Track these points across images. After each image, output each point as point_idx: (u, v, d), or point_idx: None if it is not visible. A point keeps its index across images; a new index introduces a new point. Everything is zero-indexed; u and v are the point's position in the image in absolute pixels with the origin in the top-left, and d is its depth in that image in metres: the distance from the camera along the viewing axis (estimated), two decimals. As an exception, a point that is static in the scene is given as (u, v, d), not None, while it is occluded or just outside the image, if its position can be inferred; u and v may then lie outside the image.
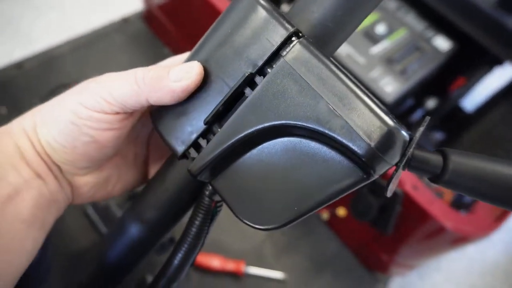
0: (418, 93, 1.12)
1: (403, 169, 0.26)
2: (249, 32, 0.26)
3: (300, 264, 0.99)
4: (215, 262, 0.93)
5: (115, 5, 1.51)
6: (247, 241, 1.00)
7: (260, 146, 0.27)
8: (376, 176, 0.25)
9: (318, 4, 0.26)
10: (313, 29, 0.26)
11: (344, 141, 0.24)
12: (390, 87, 0.95)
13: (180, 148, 0.30)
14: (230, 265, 0.93)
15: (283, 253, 1.00)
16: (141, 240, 0.37)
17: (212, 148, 0.28)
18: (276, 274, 0.95)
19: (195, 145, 0.30)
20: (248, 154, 0.28)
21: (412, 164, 0.26)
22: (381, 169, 0.25)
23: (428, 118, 0.26)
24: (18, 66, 1.12)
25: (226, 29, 0.27)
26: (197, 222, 0.33)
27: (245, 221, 0.30)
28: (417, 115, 1.19)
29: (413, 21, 1.08)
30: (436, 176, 0.25)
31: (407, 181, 0.75)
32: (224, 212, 0.99)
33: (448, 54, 1.05)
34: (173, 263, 0.35)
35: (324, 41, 0.26)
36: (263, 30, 0.25)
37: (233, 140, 0.27)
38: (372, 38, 1.03)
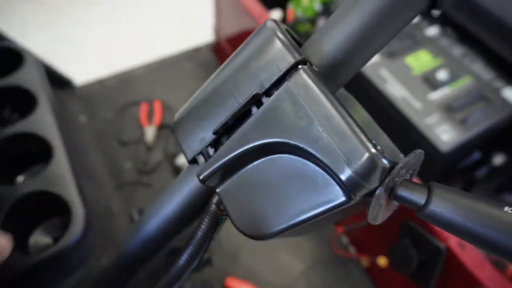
0: (483, 147, 1.05)
1: (390, 198, 0.26)
2: (263, 59, 0.29)
3: (331, 309, 0.95)
4: (240, 287, 0.93)
5: (190, 36, 1.66)
6: (282, 275, 0.99)
7: (261, 160, 0.29)
8: (357, 199, 0.26)
9: (330, 37, 0.28)
10: (323, 60, 0.28)
11: (327, 162, 0.25)
12: (447, 135, 0.91)
13: (190, 154, 0.33)
14: (259, 296, 0.93)
15: (315, 293, 0.97)
16: (157, 235, 0.40)
17: (218, 157, 0.31)
18: (305, 314, 0.93)
19: (205, 152, 0.33)
20: (250, 166, 0.30)
21: (397, 193, 0.26)
22: (359, 192, 0.25)
23: (418, 151, 0.27)
24: (101, 82, 1.28)
25: (246, 54, 0.30)
26: (203, 227, 0.35)
27: (239, 228, 0.32)
28: (482, 171, 1.10)
29: (480, 70, 1.03)
30: (419, 208, 0.25)
31: (453, 236, 0.70)
32: (264, 245, 1.00)
33: (519, 107, 0.98)
34: (178, 263, 0.37)
35: (333, 71, 0.28)
36: (275, 57, 0.28)
37: (236, 152, 0.29)
38: (432, 83, 1.00)
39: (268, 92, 0.29)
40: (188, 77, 1.36)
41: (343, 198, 0.26)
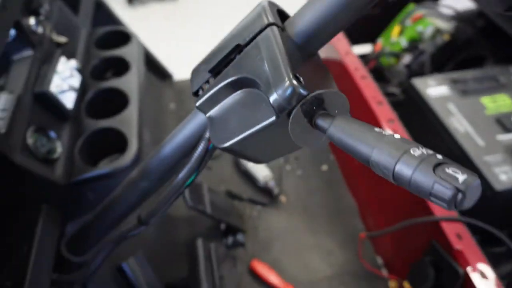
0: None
1: (312, 125, 0.33)
2: (250, 22, 0.40)
3: (347, 321, 0.95)
4: (266, 273, 1.00)
5: None
6: (306, 273, 1.03)
7: (235, 92, 0.40)
8: (283, 117, 0.34)
9: (302, 15, 0.37)
10: (295, 30, 0.37)
11: (264, 90, 0.34)
12: (506, 176, 0.87)
13: (194, 88, 0.45)
14: (278, 283, 0.98)
15: (335, 301, 0.98)
16: (170, 155, 0.52)
17: (208, 89, 0.42)
18: (318, 316, 0.95)
19: (203, 87, 0.44)
20: (229, 97, 0.40)
21: (316, 121, 0.33)
22: (283, 111, 0.33)
23: (342, 94, 0.34)
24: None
25: (242, 21, 0.42)
26: (198, 150, 0.45)
27: (213, 142, 0.42)
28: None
29: None
30: (324, 131, 0.32)
31: (472, 261, 0.68)
32: (298, 243, 1.07)
33: None
34: (178, 178, 0.48)
35: (303, 40, 0.37)
36: (257, 21, 0.39)
37: (219, 86, 0.41)
38: (505, 126, 0.97)
39: (247, 44, 0.40)
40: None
41: (273, 117, 0.35)
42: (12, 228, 0.59)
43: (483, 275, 0.67)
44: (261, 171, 1.18)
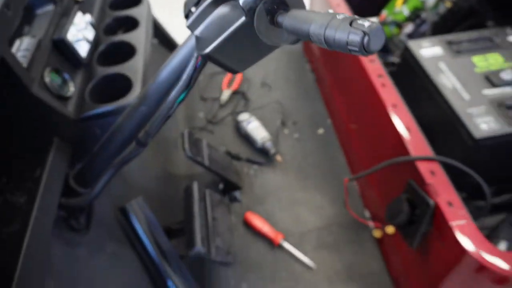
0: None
1: (275, 25, 0.39)
2: None
3: (334, 264, 1.00)
4: (259, 223, 1.06)
5: None
6: (297, 224, 1.09)
7: (218, 7, 0.46)
8: (247, 16, 0.39)
9: None
10: None
11: None
12: (486, 126, 0.90)
13: (185, 12, 0.52)
14: (270, 232, 1.04)
15: (323, 248, 1.04)
16: (167, 78, 0.59)
17: (196, 10, 0.49)
18: (307, 260, 1.00)
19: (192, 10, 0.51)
20: (213, 12, 0.47)
21: (277, 20, 0.39)
22: (249, 10, 0.39)
23: None
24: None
25: None
26: (188, 70, 0.52)
27: (197, 51, 0.48)
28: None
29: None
30: (280, 26, 0.39)
31: (442, 193, 0.72)
32: (290, 199, 1.14)
33: None
34: (170, 97, 0.55)
35: None
36: None
37: (205, 4, 0.47)
38: (492, 82, 0.99)
39: None
40: (272, 59, 1.57)
41: (242, 17, 0.41)
42: (27, 154, 0.67)
43: (450, 204, 0.71)
44: (259, 133, 1.24)
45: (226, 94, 1.42)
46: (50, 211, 0.63)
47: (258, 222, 1.06)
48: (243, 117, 1.30)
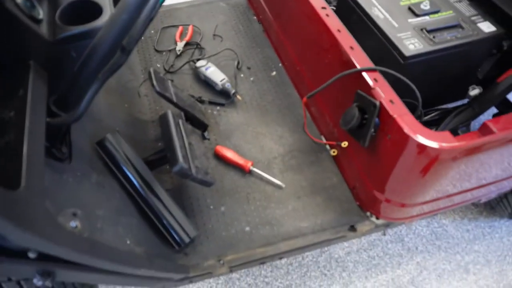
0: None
1: None
2: None
3: (299, 182, 1.14)
4: (229, 154, 1.16)
5: None
6: (262, 153, 1.20)
7: None
8: None
9: None
10: None
11: None
12: (413, 46, 1.07)
13: None
14: (240, 160, 1.15)
15: (288, 171, 1.17)
16: None
17: None
18: (276, 181, 1.12)
19: None
20: None
21: None
22: None
23: None
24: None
25: None
26: None
27: None
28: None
29: (464, 7, 1.18)
30: None
31: (385, 95, 0.87)
32: (253, 132, 1.22)
33: (490, 35, 1.10)
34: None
35: None
36: None
37: None
38: (415, 12, 1.16)
39: None
40: (220, 13, 1.63)
41: None
42: (8, 77, 0.68)
43: (392, 102, 0.86)
44: (218, 77, 1.32)
45: (180, 45, 1.46)
46: (40, 124, 0.66)
47: (229, 153, 1.16)
48: (201, 63, 1.36)
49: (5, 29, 0.65)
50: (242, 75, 1.41)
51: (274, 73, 1.42)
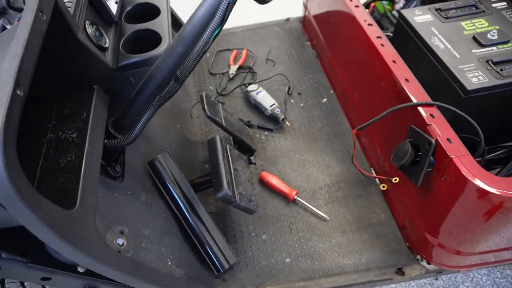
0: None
1: None
2: None
3: (345, 216, 1.10)
4: (274, 181, 1.15)
5: (282, 9, 1.95)
6: (308, 182, 1.18)
7: None
8: None
9: None
10: None
11: None
12: (476, 79, 0.99)
13: None
14: (284, 188, 1.13)
15: (334, 203, 1.13)
16: (200, 21, 0.66)
17: None
18: (321, 213, 1.09)
19: None
20: None
21: None
22: None
23: None
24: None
25: None
26: (222, 5, 0.60)
27: None
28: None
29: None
30: None
31: (442, 132, 0.81)
32: (300, 160, 1.22)
33: None
34: (206, 31, 0.62)
35: None
36: None
37: None
38: (480, 42, 1.09)
39: None
40: (274, 38, 1.66)
41: None
42: (74, 99, 0.75)
43: (450, 141, 0.81)
44: (268, 102, 1.33)
45: (233, 68, 1.51)
46: (98, 145, 0.71)
47: (274, 180, 1.15)
48: (252, 87, 1.38)
49: (76, 56, 0.72)
50: (292, 101, 1.40)
51: (325, 99, 1.40)
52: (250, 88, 1.38)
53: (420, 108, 0.88)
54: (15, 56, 0.52)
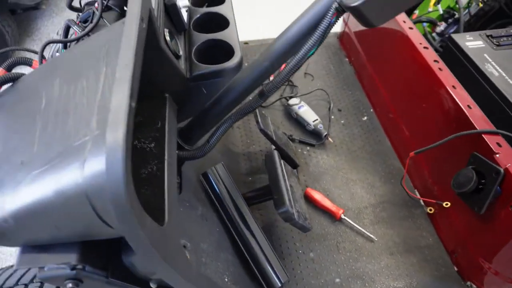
0: None
1: None
2: None
3: (391, 237, 1.09)
4: (320, 198, 1.14)
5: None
6: (352, 201, 1.17)
7: None
8: None
9: None
10: None
11: None
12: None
13: None
14: (331, 207, 1.12)
15: (380, 223, 1.12)
16: (295, 35, 0.65)
17: None
18: (368, 234, 1.08)
19: None
20: None
21: None
22: None
23: None
24: (246, 43, 1.67)
25: None
26: (324, 23, 0.59)
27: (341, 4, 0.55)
28: None
29: None
30: None
31: (510, 164, 0.81)
32: (343, 177, 1.20)
33: None
34: (303, 49, 0.61)
35: None
36: None
37: None
38: (534, 71, 1.10)
39: None
40: (311, 52, 1.66)
41: None
42: (147, 107, 0.74)
43: (520, 170, 0.80)
44: (310, 116, 1.32)
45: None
46: (174, 156, 0.70)
47: (320, 197, 1.14)
48: (294, 101, 1.37)
49: (155, 64, 0.70)
50: (332, 117, 1.40)
51: (365, 118, 1.40)
52: (292, 101, 1.38)
53: (485, 136, 0.88)
54: (126, 65, 0.51)
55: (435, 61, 1.08)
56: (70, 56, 0.68)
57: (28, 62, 0.81)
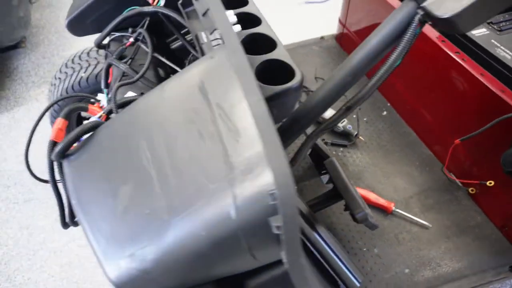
0: None
1: None
2: None
3: (443, 222, 1.14)
4: (369, 195, 1.17)
5: (317, 29, 2.01)
6: (397, 193, 1.21)
7: None
8: None
9: None
10: None
11: None
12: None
13: None
14: (382, 201, 1.16)
15: (429, 210, 1.17)
16: (375, 48, 0.68)
17: None
18: (422, 221, 1.12)
19: None
20: None
21: None
22: None
23: None
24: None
25: None
26: (408, 34, 0.62)
27: (437, 13, 0.58)
28: None
29: None
30: None
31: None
32: (382, 171, 1.23)
33: None
34: (389, 61, 0.64)
35: None
36: None
37: None
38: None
39: None
40: (315, 56, 1.70)
41: None
42: None
43: None
44: (338, 118, 1.35)
45: (289, 89, 1.52)
46: None
47: (369, 194, 1.17)
48: (327, 112, 1.40)
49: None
50: (354, 116, 1.44)
51: (384, 112, 1.46)
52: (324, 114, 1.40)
53: (527, 114, 0.96)
54: (259, 100, 0.53)
55: (456, 52, 1.15)
56: (156, 103, 0.67)
57: (84, 108, 0.79)
